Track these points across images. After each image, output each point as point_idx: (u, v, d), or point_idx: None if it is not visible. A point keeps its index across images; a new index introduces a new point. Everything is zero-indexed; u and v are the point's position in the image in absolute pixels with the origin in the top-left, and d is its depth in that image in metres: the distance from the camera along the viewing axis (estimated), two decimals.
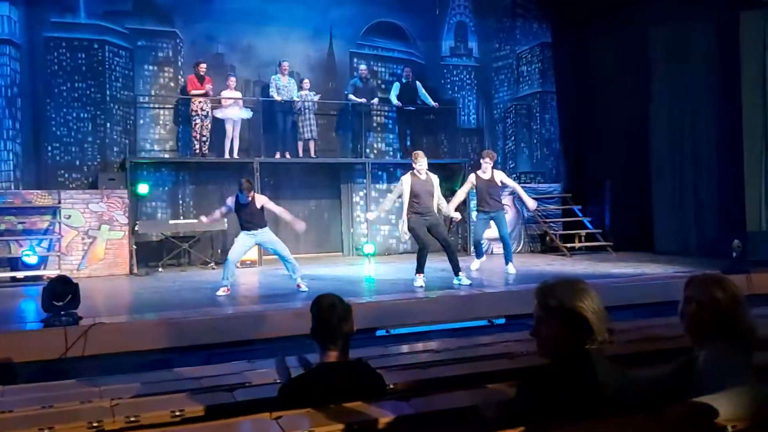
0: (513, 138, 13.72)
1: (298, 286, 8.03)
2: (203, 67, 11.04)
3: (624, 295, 7.36)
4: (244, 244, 8.11)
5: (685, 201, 11.29)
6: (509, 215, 12.46)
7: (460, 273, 8.13)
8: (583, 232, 12.35)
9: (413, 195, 8.03)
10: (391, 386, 3.12)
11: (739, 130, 10.10)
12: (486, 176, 9.17)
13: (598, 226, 12.41)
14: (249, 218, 7.99)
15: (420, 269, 8.15)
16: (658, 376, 2.55)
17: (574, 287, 2.17)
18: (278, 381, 3.19)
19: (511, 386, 2.58)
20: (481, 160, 9.31)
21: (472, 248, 10.16)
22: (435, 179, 8.28)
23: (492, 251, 12.11)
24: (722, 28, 10.41)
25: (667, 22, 11.23)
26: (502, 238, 9.38)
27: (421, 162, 8.12)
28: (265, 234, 8.12)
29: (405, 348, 5.11)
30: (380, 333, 6.59)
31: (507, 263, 9.27)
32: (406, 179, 8.11)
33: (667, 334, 4.38)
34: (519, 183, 13.13)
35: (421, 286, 8.03)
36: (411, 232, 8.24)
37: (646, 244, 11.55)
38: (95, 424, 2.66)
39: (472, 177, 9.32)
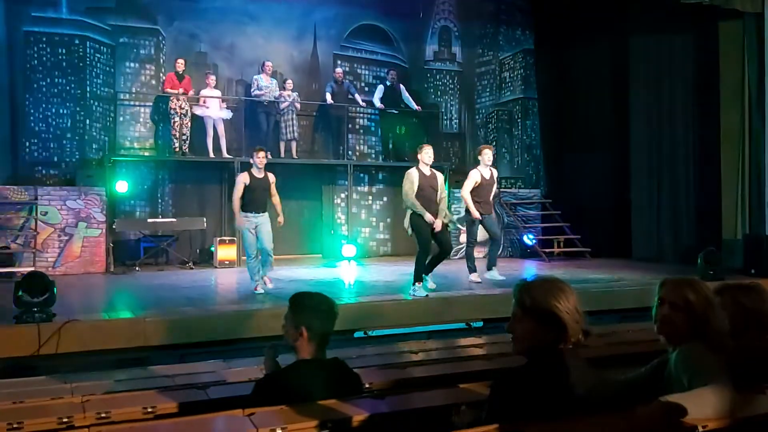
0: (494, 143, 13.74)
1: (264, 282, 7.81)
2: (181, 63, 10.94)
3: (601, 300, 7.42)
4: (251, 235, 7.59)
5: (662, 208, 11.40)
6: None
7: (425, 278, 7.61)
8: (561, 238, 12.41)
9: (418, 190, 7.46)
10: (368, 385, 3.11)
11: (716, 138, 10.24)
12: (487, 174, 8.48)
13: (577, 232, 12.49)
14: (261, 196, 7.60)
15: (418, 278, 7.48)
16: (633, 377, 2.58)
17: (551, 286, 2.18)
18: (253, 379, 3.16)
19: (486, 386, 2.58)
20: (482, 156, 8.45)
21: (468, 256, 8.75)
22: (440, 176, 7.76)
23: None
24: (701, 38, 10.55)
25: (648, 31, 11.36)
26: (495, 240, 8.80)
27: (426, 151, 7.63)
28: (266, 220, 7.66)
29: (382, 349, 5.10)
30: (358, 335, 6.59)
31: (491, 268, 8.64)
32: (414, 173, 7.53)
33: (644, 338, 4.41)
34: (500, 188, 13.29)
35: (431, 291, 7.52)
36: (415, 235, 7.57)
37: (623, 251, 11.64)
38: (65, 420, 2.62)
39: (476, 174, 8.39)
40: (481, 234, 8.70)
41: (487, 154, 8.48)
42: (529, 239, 12.44)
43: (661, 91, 11.38)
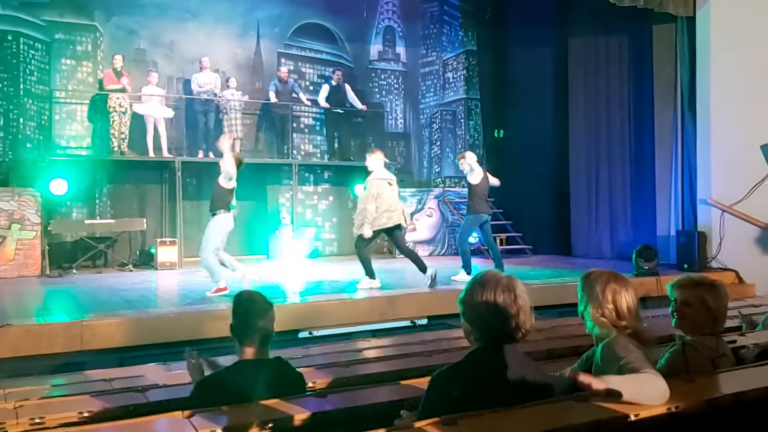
0: (438, 143, 13.92)
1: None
2: (118, 59, 10.67)
3: (542, 296, 7.57)
4: None
5: (600, 206, 11.70)
6: (433, 219, 12.65)
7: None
8: (503, 236, 12.61)
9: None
10: (311, 384, 3.10)
11: (651, 137, 10.56)
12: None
13: (519, 230, 12.71)
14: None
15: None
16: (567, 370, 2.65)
17: (490, 282, 2.21)
18: (193, 382, 3.12)
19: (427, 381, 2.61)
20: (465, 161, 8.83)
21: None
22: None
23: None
24: (636, 41, 10.89)
25: (586, 33, 11.67)
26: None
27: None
28: None
29: (327, 348, 5.09)
30: (303, 334, 6.55)
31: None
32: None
33: (582, 332, 4.53)
34: (444, 187, 13.47)
35: None
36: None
37: (563, 248, 11.91)
38: None
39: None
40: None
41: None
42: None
43: (598, 92, 11.70)
